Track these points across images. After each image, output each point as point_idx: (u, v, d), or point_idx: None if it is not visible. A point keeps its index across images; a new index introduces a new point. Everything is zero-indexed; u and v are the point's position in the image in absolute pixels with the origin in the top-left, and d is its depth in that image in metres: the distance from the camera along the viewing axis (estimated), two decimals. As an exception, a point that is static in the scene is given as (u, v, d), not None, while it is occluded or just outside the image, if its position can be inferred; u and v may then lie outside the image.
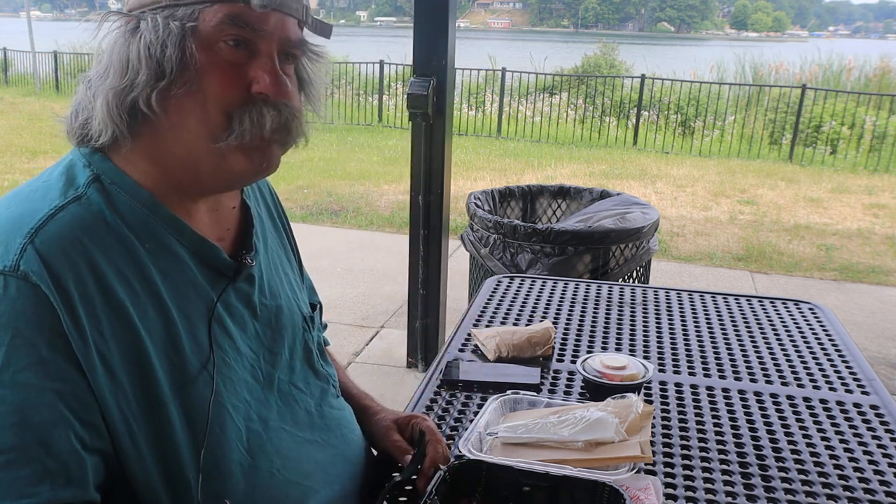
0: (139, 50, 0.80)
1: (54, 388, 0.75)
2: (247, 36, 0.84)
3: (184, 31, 0.81)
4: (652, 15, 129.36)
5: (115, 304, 0.80)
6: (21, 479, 0.73)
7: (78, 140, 0.87)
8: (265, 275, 1.01)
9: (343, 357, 3.71)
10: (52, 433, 0.74)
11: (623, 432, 1.12)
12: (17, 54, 16.06)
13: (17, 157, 8.68)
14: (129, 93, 0.81)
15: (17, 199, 0.82)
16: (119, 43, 0.82)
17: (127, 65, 0.81)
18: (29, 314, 0.74)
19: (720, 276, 5.23)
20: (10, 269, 0.75)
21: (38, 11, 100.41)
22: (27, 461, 0.73)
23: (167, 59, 0.80)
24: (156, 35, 0.80)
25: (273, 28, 0.85)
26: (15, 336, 0.74)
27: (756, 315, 1.87)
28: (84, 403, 0.77)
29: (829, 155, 10.05)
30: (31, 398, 0.74)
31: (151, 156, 0.87)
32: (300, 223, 6.22)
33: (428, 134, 3.18)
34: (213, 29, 0.82)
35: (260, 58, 0.85)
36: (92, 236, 0.80)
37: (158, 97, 0.81)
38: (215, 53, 0.83)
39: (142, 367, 0.81)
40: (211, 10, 0.82)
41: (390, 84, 12.61)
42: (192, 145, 0.84)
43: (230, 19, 0.82)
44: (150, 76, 0.80)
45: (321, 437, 1.03)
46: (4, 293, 0.74)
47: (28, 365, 0.74)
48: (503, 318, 1.81)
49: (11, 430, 0.73)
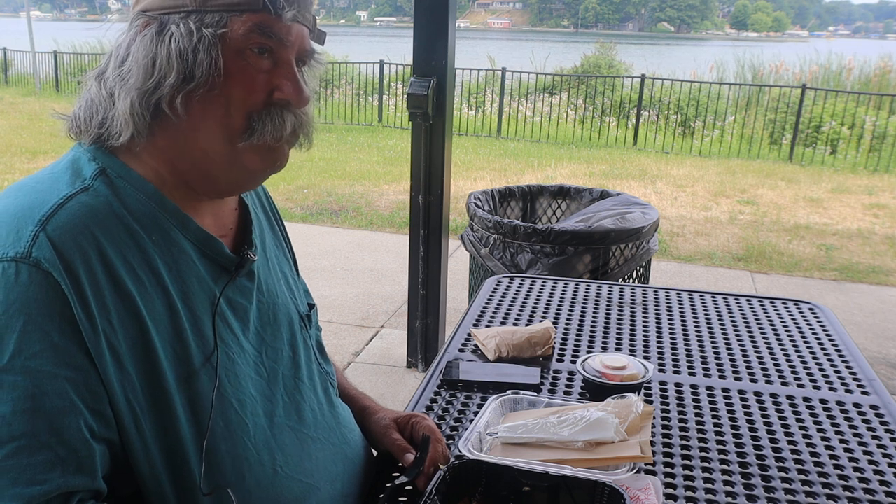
0: (169, 53, 0.82)
1: (66, 375, 0.76)
2: (272, 45, 0.87)
3: (215, 37, 0.83)
4: (652, 15, 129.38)
5: (123, 293, 0.81)
6: (32, 466, 0.73)
7: (94, 139, 0.88)
8: (264, 273, 1.02)
9: (343, 357, 3.71)
10: (63, 421, 0.75)
11: (623, 432, 1.12)
12: (17, 54, 16.07)
13: (17, 157, 8.68)
14: (154, 93, 0.83)
15: (23, 191, 0.83)
16: (143, 44, 0.83)
17: (153, 66, 0.83)
18: (41, 301, 0.75)
19: (720, 276, 5.23)
20: (22, 256, 0.75)
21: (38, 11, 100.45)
22: (38, 448, 0.74)
23: (198, 64, 0.83)
24: (189, 40, 0.82)
25: (294, 38, 0.89)
26: (27, 322, 0.74)
27: (756, 315, 1.87)
28: (94, 392, 0.78)
29: (829, 155, 10.06)
30: (43, 385, 0.74)
31: (163, 154, 0.88)
32: (300, 223, 6.22)
33: (428, 134, 3.19)
34: (242, 37, 0.85)
35: (282, 66, 0.88)
36: (101, 226, 0.81)
37: (184, 99, 0.84)
38: (242, 60, 0.86)
39: (148, 358, 0.82)
40: (239, 19, 0.85)
41: (390, 84, 12.62)
42: (209, 146, 0.87)
43: (258, 29, 0.85)
44: (178, 79, 0.83)
45: (322, 435, 1.03)
46: (16, 280, 0.75)
47: (40, 351, 0.75)
48: (503, 318, 1.81)
49: (24, 416, 0.74)
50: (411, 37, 3.08)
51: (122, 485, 0.84)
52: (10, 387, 0.74)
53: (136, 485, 0.84)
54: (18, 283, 0.75)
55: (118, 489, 0.84)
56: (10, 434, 0.73)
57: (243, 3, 0.84)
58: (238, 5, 0.84)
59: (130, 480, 0.84)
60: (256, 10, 0.85)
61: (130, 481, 0.84)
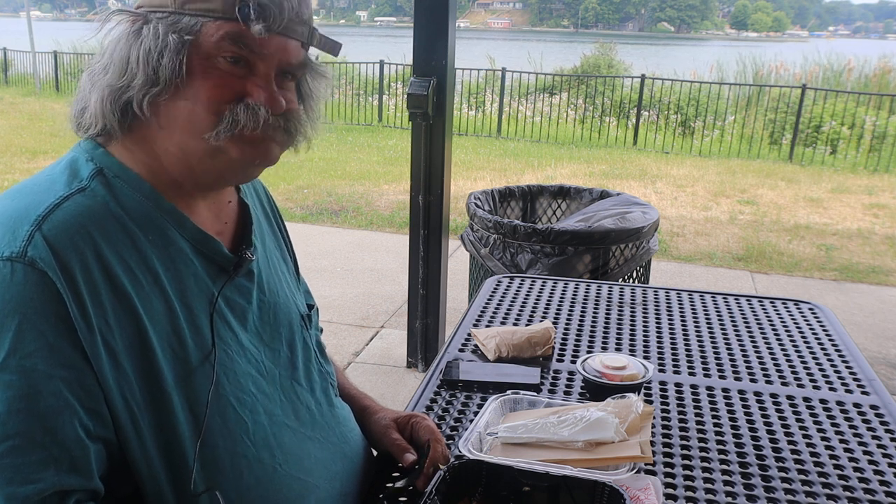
0: (138, 55, 0.82)
1: (61, 375, 0.76)
2: (245, 55, 0.85)
3: (182, 43, 0.82)
4: (652, 15, 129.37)
5: (120, 293, 0.81)
6: (26, 465, 0.74)
7: (76, 126, 0.89)
8: (263, 273, 1.02)
9: (343, 357, 3.71)
10: (57, 420, 0.75)
11: (623, 432, 1.12)
12: (17, 54, 16.07)
13: (17, 157, 8.68)
14: (124, 93, 0.84)
15: (21, 193, 0.83)
16: (122, 42, 0.84)
17: (126, 66, 0.83)
18: (36, 301, 0.75)
19: (720, 276, 5.23)
20: (17, 256, 0.75)
21: (38, 11, 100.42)
22: (33, 447, 0.74)
23: (162, 69, 0.82)
24: (154, 43, 0.82)
25: (273, 51, 0.86)
26: (22, 321, 0.74)
27: (756, 315, 1.87)
28: (89, 391, 0.78)
29: (829, 155, 10.05)
30: (38, 384, 0.75)
31: (147, 150, 0.88)
32: (300, 223, 6.22)
33: (428, 134, 3.19)
34: (213, 44, 0.84)
35: (257, 76, 0.87)
36: (97, 226, 0.81)
37: (149, 102, 0.84)
38: (212, 66, 0.84)
39: (146, 357, 0.82)
40: (213, 25, 0.84)
41: (390, 84, 12.61)
42: (183, 144, 0.87)
43: (229, 38, 0.84)
44: (144, 82, 0.83)
45: (322, 434, 1.04)
46: (11, 279, 0.75)
47: (35, 351, 0.75)
48: (503, 318, 1.81)
49: (18, 415, 0.74)
50: (411, 37, 3.08)
51: (121, 485, 0.84)
52: (5, 386, 0.74)
53: (134, 484, 0.84)
54: (13, 282, 0.75)
55: (116, 489, 0.84)
56: (4, 433, 0.73)
57: (217, 11, 0.83)
58: (212, 11, 0.83)
59: (128, 480, 0.84)
60: (229, 20, 0.84)
61: (128, 481, 0.84)
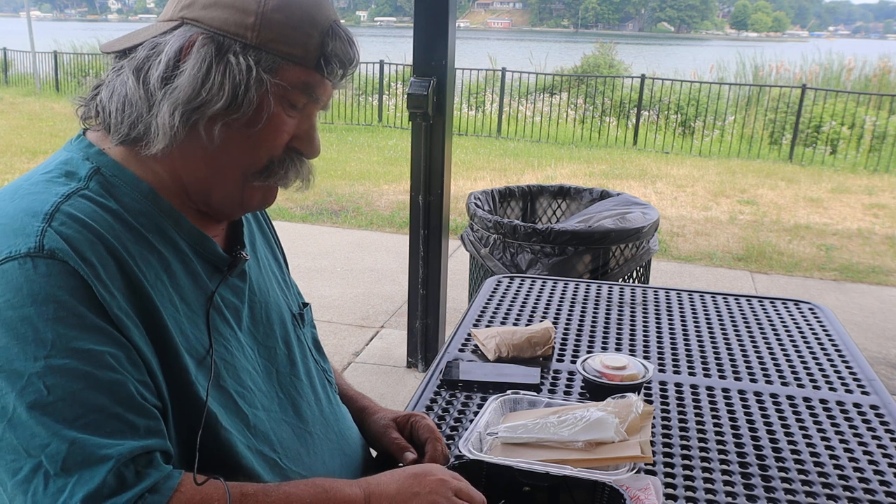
0: (223, 80, 0.84)
1: (109, 351, 0.77)
2: (307, 102, 0.91)
3: (261, 79, 0.85)
4: (652, 15, 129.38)
5: (134, 284, 0.82)
6: (108, 436, 0.75)
7: (121, 138, 0.87)
8: (255, 273, 1.03)
9: (343, 357, 3.71)
10: (121, 391, 0.77)
11: (623, 432, 1.12)
12: (17, 54, 16.07)
13: (17, 157, 8.68)
14: (195, 112, 0.84)
15: (19, 194, 0.83)
16: (198, 60, 0.83)
17: (203, 86, 0.83)
18: (65, 288, 0.76)
19: (720, 276, 5.23)
20: (35, 251, 0.76)
21: (38, 11, 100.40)
22: (107, 419, 0.75)
23: (247, 101, 0.85)
24: (245, 75, 0.84)
25: (326, 98, 0.93)
26: (58, 309, 0.75)
27: (756, 315, 1.87)
28: (136, 365, 0.80)
29: (829, 155, 10.05)
30: (92, 361, 0.76)
31: (170, 163, 0.89)
32: (300, 223, 6.22)
33: (428, 134, 3.19)
34: (286, 88, 0.88)
35: (307, 119, 0.93)
36: (102, 222, 0.82)
37: (223, 127, 0.86)
38: (278, 108, 0.88)
39: (165, 346, 0.84)
40: (290, 70, 0.87)
41: (390, 84, 12.61)
42: (223, 172, 0.90)
43: (303, 86, 0.89)
44: (223, 107, 0.84)
45: (320, 430, 1.05)
46: (35, 272, 0.75)
47: (78, 334, 0.76)
48: (503, 318, 1.81)
49: (83, 393, 0.75)
50: (411, 37, 3.08)
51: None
52: (62, 371, 0.74)
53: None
54: (38, 274, 0.75)
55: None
56: (73, 414, 0.74)
57: (297, 57, 0.87)
58: (292, 56, 0.86)
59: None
60: (307, 68, 0.88)
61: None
